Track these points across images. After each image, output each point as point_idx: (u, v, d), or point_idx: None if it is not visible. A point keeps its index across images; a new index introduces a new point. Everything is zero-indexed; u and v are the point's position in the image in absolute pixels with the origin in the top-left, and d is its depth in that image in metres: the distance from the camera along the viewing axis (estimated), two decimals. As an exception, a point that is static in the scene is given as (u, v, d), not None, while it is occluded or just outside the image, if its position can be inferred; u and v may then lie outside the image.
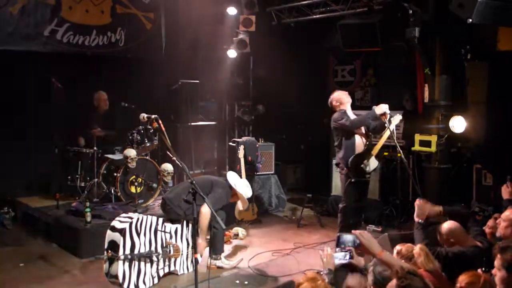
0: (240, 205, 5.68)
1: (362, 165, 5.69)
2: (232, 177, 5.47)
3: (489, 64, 6.60)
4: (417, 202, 4.11)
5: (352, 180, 5.73)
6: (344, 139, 5.82)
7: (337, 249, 3.38)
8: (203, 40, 8.32)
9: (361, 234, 2.88)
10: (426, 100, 6.46)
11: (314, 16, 7.98)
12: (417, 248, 3.35)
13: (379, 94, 8.70)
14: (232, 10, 8.33)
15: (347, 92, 6.07)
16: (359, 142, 5.85)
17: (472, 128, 6.27)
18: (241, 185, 5.47)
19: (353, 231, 3.07)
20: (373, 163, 5.80)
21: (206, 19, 8.35)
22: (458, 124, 6.17)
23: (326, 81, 9.74)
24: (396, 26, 6.80)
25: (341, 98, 5.94)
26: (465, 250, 3.69)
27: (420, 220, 4.02)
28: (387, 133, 5.69)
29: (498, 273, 2.52)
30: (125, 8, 7.87)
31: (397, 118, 5.77)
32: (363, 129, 5.92)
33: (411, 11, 6.08)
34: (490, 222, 3.99)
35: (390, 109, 5.79)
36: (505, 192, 4.16)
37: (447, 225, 3.91)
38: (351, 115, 5.87)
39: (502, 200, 4.18)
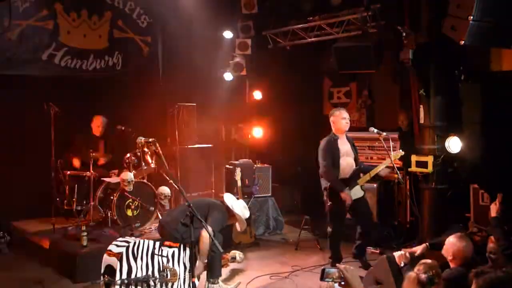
0: (238, 227, 5.65)
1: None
2: (228, 198, 5.47)
3: (482, 84, 6.68)
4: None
5: (329, 203, 5.61)
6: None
7: (322, 282, 3.27)
8: (199, 63, 8.40)
9: (345, 269, 2.79)
10: (422, 121, 6.50)
11: (310, 39, 8.09)
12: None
13: (375, 115, 8.76)
14: (228, 34, 8.46)
15: (344, 110, 5.93)
16: (346, 165, 5.78)
17: (468, 148, 6.31)
18: (238, 206, 5.46)
19: (337, 264, 2.99)
20: (357, 192, 5.72)
21: (203, 42, 8.45)
22: (454, 144, 6.21)
23: (322, 103, 9.81)
24: (390, 48, 6.91)
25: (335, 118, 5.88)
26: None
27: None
28: (379, 167, 5.69)
29: None
30: (122, 32, 7.95)
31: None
32: (353, 153, 5.87)
33: (404, 34, 6.19)
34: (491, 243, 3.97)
35: (385, 130, 5.85)
36: (493, 210, 4.12)
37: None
38: (343, 142, 5.82)
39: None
